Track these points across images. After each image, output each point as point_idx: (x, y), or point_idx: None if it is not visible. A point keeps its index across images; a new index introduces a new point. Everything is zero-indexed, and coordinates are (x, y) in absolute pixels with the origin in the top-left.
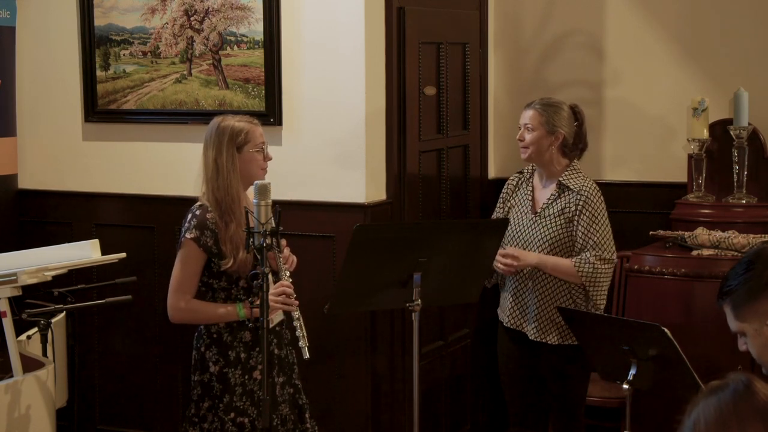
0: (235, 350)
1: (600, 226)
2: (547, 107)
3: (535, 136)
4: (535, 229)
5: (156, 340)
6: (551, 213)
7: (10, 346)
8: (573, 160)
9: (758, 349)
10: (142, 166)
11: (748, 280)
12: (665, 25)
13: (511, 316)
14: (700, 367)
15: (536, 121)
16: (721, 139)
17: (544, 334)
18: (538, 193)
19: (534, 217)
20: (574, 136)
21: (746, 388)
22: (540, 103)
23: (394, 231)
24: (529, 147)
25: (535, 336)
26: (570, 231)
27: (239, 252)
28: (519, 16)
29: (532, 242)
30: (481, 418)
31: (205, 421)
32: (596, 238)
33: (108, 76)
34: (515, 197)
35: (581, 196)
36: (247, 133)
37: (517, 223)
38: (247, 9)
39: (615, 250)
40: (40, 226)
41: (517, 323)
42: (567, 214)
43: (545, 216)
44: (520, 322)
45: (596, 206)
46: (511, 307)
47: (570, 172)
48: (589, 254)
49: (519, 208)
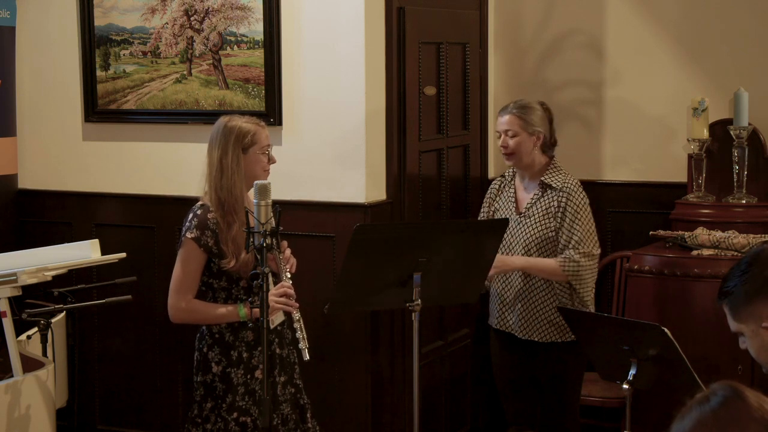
0: (237, 350)
1: (583, 222)
2: (523, 109)
3: (517, 140)
4: (519, 229)
5: (156, 340)
6: (535, 212)
7: (10, 346)
8: (552, 158)
9: (756, 349)
10: (142, 166)
11: (746, 282)
12: (665, 25)
13: (499, 317)
14: (700, 367)
15: (516, 125)
16: (721, 139)
17: (530, 332)
18: (520, 193)
19: (518, 218)
20: (550, 133)
21: (736, 395)
22: (515, 107)
23: (394, 231)
24: (515, 153)
25: (522, 334)
26: (554, 229)
27: (241, 252)
28: (519, 16)
29: (517, 243)
30: (481, 419)
31: (208, 421)
32: (580, 235)
33: (108, 76)
34: (499, 200)
35: (563, 193)
36: (254, 135)
37: None
38: (247, 9)
39: (599, 245)
40: (40, 226)
41: (504, 324)
42: (551, 213)
43: (529, 216)
44: (507, 323)
45: (579, 202)
46: (498, 309)
47: (551, 170)
48: (572, 251)
49: (503, 210)
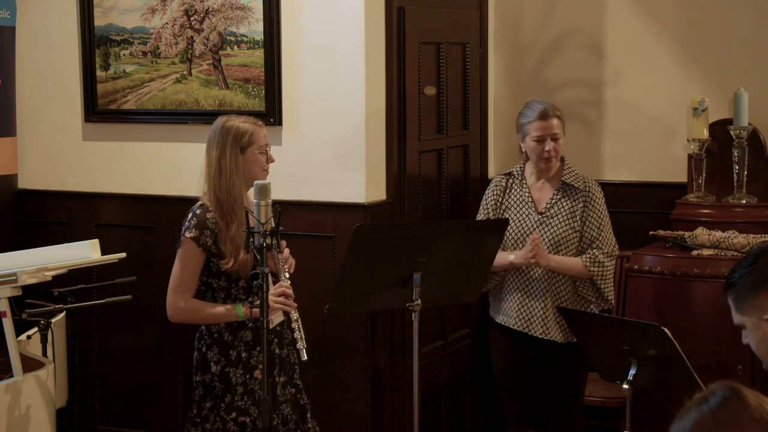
0: (236, 349)
1: (605, 223)
2: (559, 110)
3: (560, 143)
4: (543, 229)
5: (156, 340)
6: (559, 212)
7: (10, 346)
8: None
9: (756, 343)
10: (142, 166)
11: (751, 274)
12: (665, 25)
13: (519, 318)
14: (700, 367)
15: (561, 128)
16: (721, 139)
17: (551, 332)
18: (536, 193)
19: (540, 218)
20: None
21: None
22: (556, 108)
23: (394, 231)
24: (557, 156)
25: (542, 334)
26: (577, 230)
27: (240, 252)
28: (519, 16)
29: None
30: (481, 419)
31: (207, 421)
32: (604, 235)
33: (108, 76)
34: (509, 199)
35: (587, 193)
36: (252, 135)
37: (521, 224)
38: (247, 9)
39: (617, 244)
40: (40, 226)
41: (524, 325)
42: (576, 213)
43: (552, 216)
44: (528, 324)
45: (601, 203)
46: (518, 309)
47: (568, 170)
48: (597, 252)
49: (518, 209)
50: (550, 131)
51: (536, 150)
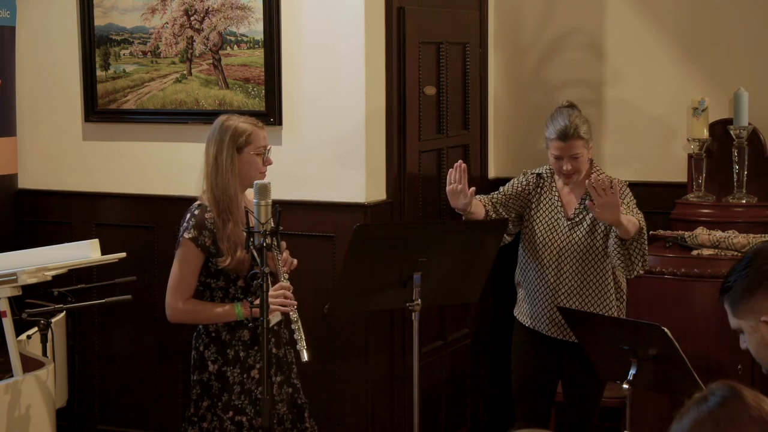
0: (233, 349)
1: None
2: (583, 126)
3: (581, 160)
4: (572, 234)
5: (156, 340)
6: (586, 218)
7: (10, 346)
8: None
9: (755, 346)
10: (142, 166)
11: (746, 277)
12: (665, 25)
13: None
14: (700, 367)
15: (581, 147)
16: (721, 139)
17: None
18: (565, 196)
19: (569, 223)
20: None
21: (734, 395)
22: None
23: (394, 231)
24: (578, 171)
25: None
26: (603, 236)
27: (237, 251)
28: (519, 16)
29: (568, 247)
30: (481, 418)
31: (204, 420)
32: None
33: (108, 75)
34: (539, 201)
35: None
36: (249, 135)
37: (551, 229)
38: (247, 9)
39: None
40: (40, 226)
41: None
42: None
43: (581, 222)
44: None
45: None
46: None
47: (596, 173)
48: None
49: (547, 212)
50: (568, 152)
51: (555, 166)
